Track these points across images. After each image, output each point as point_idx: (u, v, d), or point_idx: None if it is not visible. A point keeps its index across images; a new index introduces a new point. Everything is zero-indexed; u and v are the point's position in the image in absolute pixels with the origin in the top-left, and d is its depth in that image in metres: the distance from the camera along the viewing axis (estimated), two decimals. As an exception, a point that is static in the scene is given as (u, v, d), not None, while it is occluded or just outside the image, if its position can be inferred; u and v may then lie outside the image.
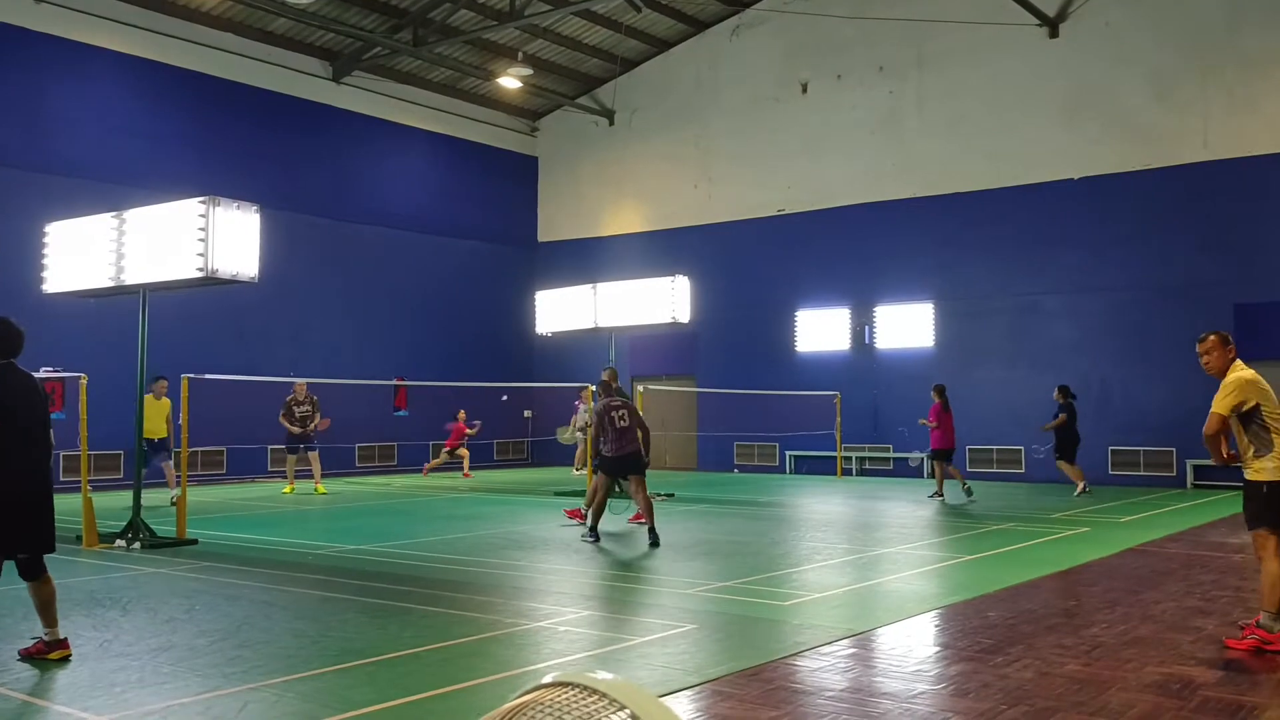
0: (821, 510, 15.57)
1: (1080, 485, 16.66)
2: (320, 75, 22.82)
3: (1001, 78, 20.86)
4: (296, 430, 17.31)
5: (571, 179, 27.10)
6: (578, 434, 18.99)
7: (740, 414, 22.79)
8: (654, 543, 10.79)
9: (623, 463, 11.30)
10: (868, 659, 6.27)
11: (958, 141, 21.32)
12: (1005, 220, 20.68)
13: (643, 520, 11.35)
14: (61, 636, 6.05)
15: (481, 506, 15.80)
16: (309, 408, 17.47)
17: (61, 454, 14.57)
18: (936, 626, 7.16)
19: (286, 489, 17.68)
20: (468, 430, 21.77)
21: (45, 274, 12.05)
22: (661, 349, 24.33)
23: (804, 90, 23.34)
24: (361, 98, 23.46)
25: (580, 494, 16.99)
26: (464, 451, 21.90)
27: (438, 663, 6.00)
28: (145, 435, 14.27)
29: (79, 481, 11.50)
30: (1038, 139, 20.42)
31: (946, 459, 16.52)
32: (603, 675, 0.84)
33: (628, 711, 0.78)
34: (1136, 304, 19.39)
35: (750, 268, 23.80)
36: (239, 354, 19.62)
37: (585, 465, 20.36)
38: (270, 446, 20.52)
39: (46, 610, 6.01)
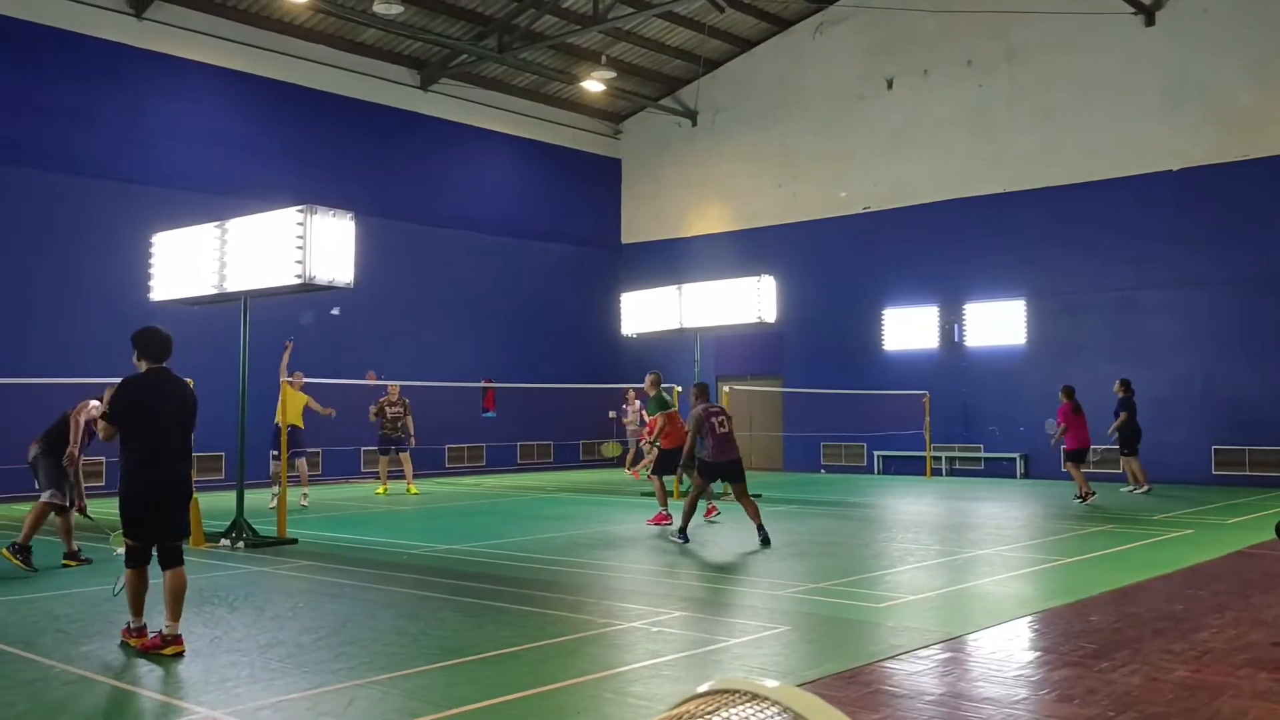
0: (912, 511, 15.38)
1: (1143, 484, 16.17)
2: (408, 84, 23.25)
3: (1095, 68, 20.36)
4: (379, 421, 17.56)
5: (655, 180, 27.17)
6: (643, 441, 19.02)
7: (827, 414, 22.60)
8: (764, 540, 10.87)
9: (722, 469, 11.44)
10: (966, 663, 6.19)
11: (1050, 135, 20.86)
12: (1100, 214, 20.17)
13: (668, 522, 12.51)
14: (179, 633, 6.30)
15: (569, 507, 15.94)
16: (400, 409, 17.78)
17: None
18: (1036, 630, 7.03)
19: (380, 490, 18.04)
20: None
21: (152, 282, 12.49)
22: (747, 349, 24.26)
23: (889, 86, 23.06)
24: (448, 105, 23.84)
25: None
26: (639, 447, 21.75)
27: (535, 661, 6.08)
28: (289, 422, 14.77)
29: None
30: (1133, 131, 19.89)
31: (1079, 460, 16.17)
32: (769, 683, 0.86)
33: (791, 714, 0.79)
34: (1240, 298, 18.76)
35: (836, 266, 23.60)
36: (333, 357, 20.08)
37: (631, 466, 20.45)
38: (363, 448, 20.96)
39: (175, 601, 6.31)
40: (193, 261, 11.86)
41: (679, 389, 17.15)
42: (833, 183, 23.82)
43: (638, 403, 20.44)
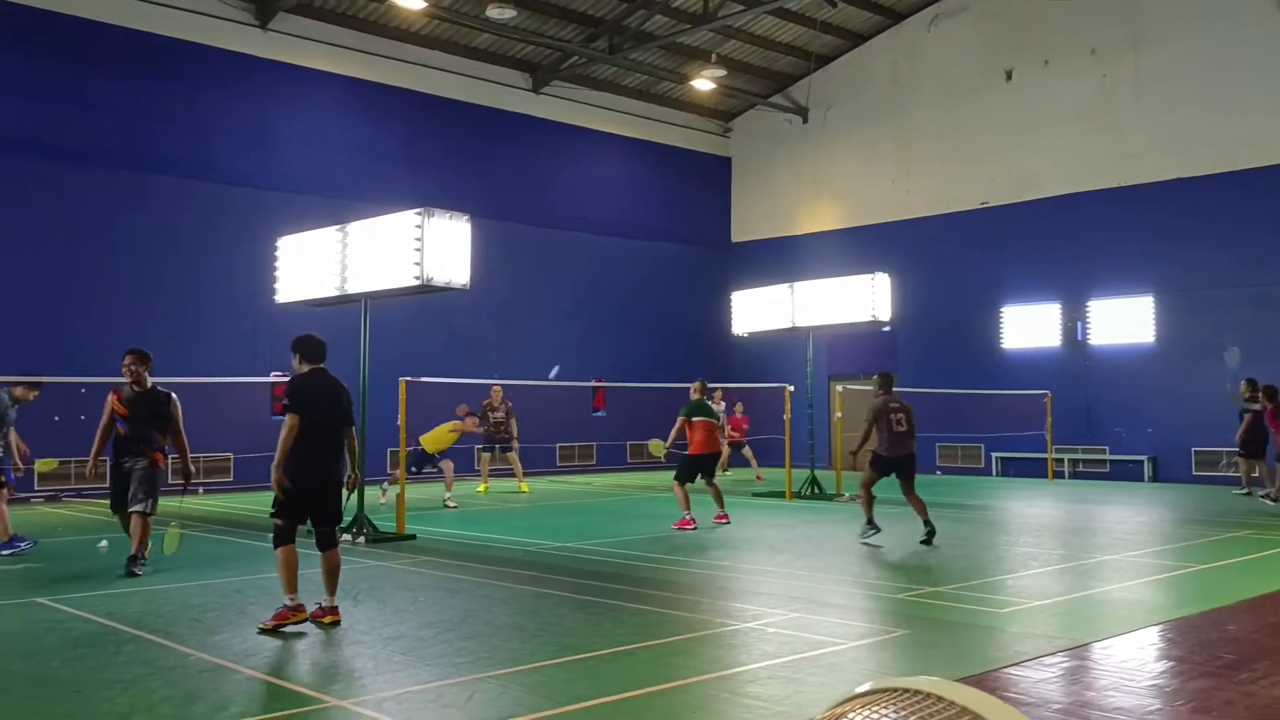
0: (1033, 514, 14.95)
1: (1277, 487, 15.37)
2: (520, 86, 23.57)
3: (1225, 55, 19.48)
4: (479, 431, 17.81)
5: (765, 178, 26.99)
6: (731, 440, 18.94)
7: (943, 414, 22.09)
8: (930, 534, 10.79)
9: (895, 464, 11.32)
10: (1095, 671, 5.98)
11: (1179, 124, 20.04)
12: (1234, 206, 19.30)
13: (726, 520, 12.90)
14: (335, 604, 7.05)
15: (676, 507, 15.89)
16: (503, 413, 18.05)
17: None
18: (1170, 639, 6.75)
19: (480, 488, 18.33)
20: (743, 425, 21.47)
21: (277, 285, 12.92)
22: (859, 348, 23.91)
23: (1008, 78, 22.47)
24: (560, 106, 24.09)
25: (776, 495, 16.90)
26: (746, 449, 21.53)
27: (651, 660, 6.09)
28: (428, 449, 15.23)
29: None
30: (1265, 119, 18.97)
31: (1260, 455, 15.68)
32: (942, 681, 0.84)
33: (970, 716, 0.77)
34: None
35: (953, 263, 23.10)
36: (448, 358, 20.48)
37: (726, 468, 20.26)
38: (476, 447, 21.31)
39: (331, 578, 7.07)
40: (315, 264, 12.23)
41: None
42: (948, 177, 23.32)
43: (723, 404, 20.32)
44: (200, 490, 18.35)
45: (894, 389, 11.82)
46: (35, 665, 5.94)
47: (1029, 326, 22.05)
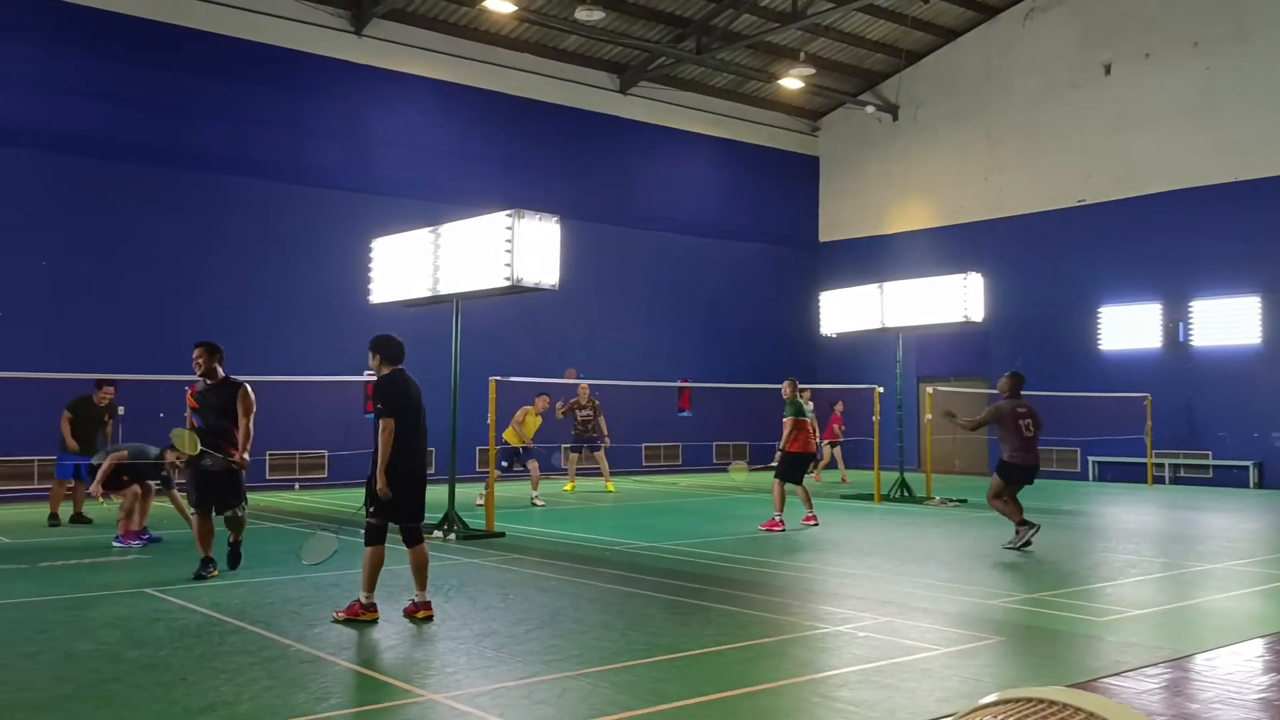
0: (1132, 520, 14.54)
1: None
2: (608, 88, 23.69)
3: (1340, 44, 18.72)
4: (571, 421, 17.92)
5: (854, 177, 26.72)
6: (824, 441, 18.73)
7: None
8: (1024, 539, 10.59)
9: (1023, 472, 11.05)
10: (1200, 684, 5.79)
11: (1287, 118, 19.32)
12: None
13: (814, 522, 12.78)
14: (427, 599, 7.20)
15: (767, 508, 15.82)
16: (590, 411, 18.13)
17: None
18: (1278, 651, 6.51)
19: (567, 487, 18.43)
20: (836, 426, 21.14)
21: (371, 286, 13.19)
22: (949, 349, 23.54)
23: (1107, 72, 21.89)
24: (646, 107, 24.16)
25: (864, 497, 16.72)
26: (832, 451, 20.99)
27: (742, 661, 6.08)
28: (512, 443, 15.42)
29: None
30: (1387, 110, 18.18)
31: None
32: (1064, 689, 0.83)
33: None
34: None
35: (1047, 262, 22.58)
36: (535, 357, 20.69)
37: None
38: (562, 445, 21.47)
39: (420, 573, 7.21)
40: (408, 265, 12.46)
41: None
42: (1043, 174, 22.81)
43: (811, 404, 20.09)
44: (296, 486, 18.83)
45: (1021, 392, 11.30)
46: (145, 653, 6.16)
47: (1128, 327, 21.45)
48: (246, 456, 8.73)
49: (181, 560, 9.93)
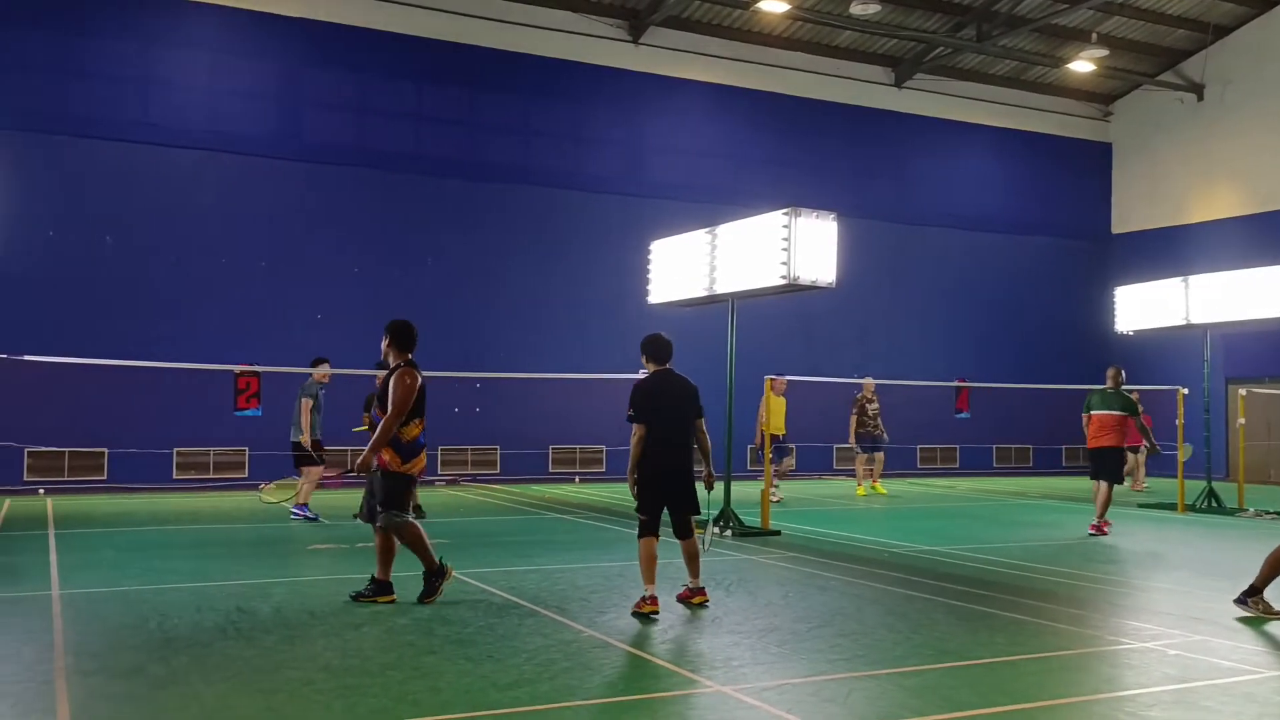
0: None
1: None
2: (883, 82, 23.23)
3: None
4: (861, 419, 17.50)
5: (1151, 164, 24.89)
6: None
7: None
8: None
9: None
10: None
11: None
12: None
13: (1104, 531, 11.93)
14: (700, 585, 7.45)
15: (1054, 514, 15.06)
16: (877, 405, 17.71)
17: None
18: None
19: (860, 490, 17.81)
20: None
21: (649, 287, 13.56)
22: (1266, 347, 21.45)
23: None
24: (922, 100, 23.51)
25: (1166, 506, 15.55)
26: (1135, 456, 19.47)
27: (1037, 673, 5.81)
28: (770, 431, 15.53)
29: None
30: None
31: None
32: None
33: None
34: None
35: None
36: (808, 356, 20.60)
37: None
38: (835, 445, 21.24)
39: (692, 562, 7.43)
40: (685, 266, 12.71)
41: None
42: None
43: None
44: (576, 479, 19.64)
45: None
46: (454, 630, 6.62)
47: None
48: (370, 460, 7.38)
49: (477, 547, 10.60)
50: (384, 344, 7.64)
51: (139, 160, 17.19)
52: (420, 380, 7.51)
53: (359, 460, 7.44)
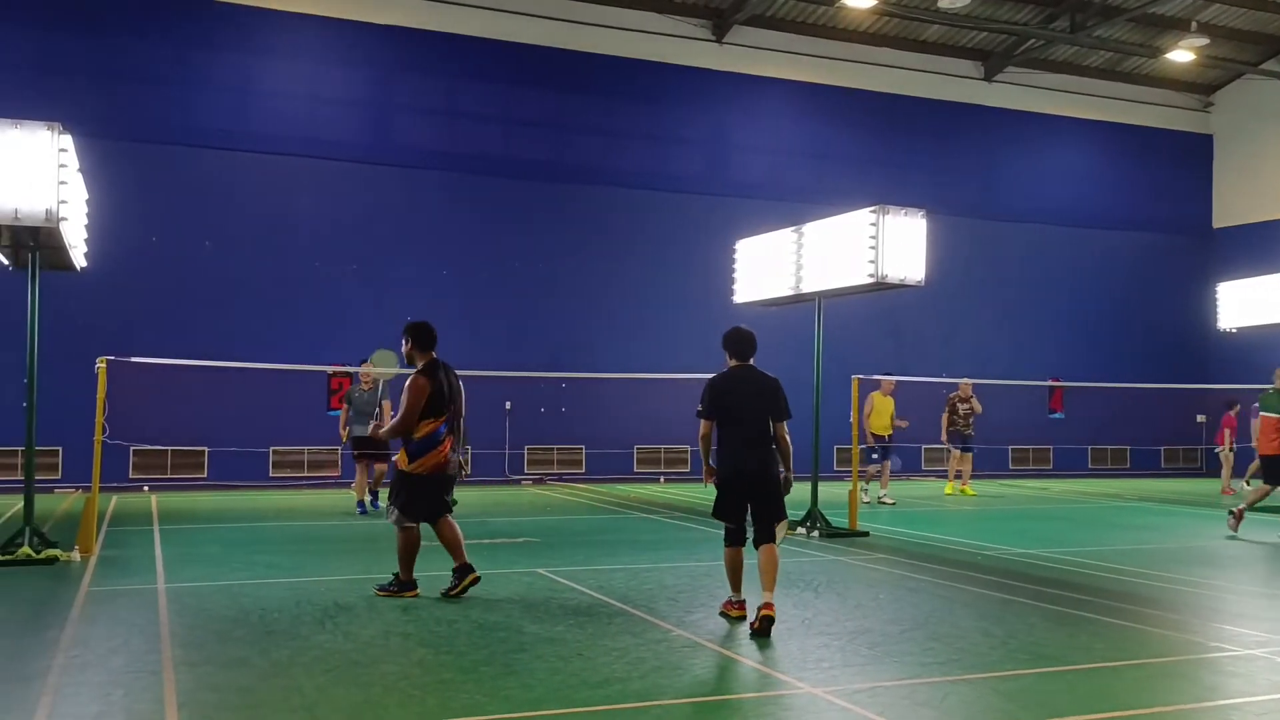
0: None
1: None
2: (972, 76, 22.84)
3: None
4: (954, 418, 17.25)
5: (1255, 156, 24.05)
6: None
7: None
8: None
9: None
10: None
11: None
12: None
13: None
14: (770, 601, 6.85)
15: (1153, 517, 14.65)
16: (970, 405, 17.39)
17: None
18: None
19: (948, 489, 17.67)
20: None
21: (735, 286, 13.52)
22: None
23: None
24: (1013, 93, 23.06)
25: (1273, 510, 15.00)
26: (1226, 455, 18.89)
27: (1138, 680, 5.67)
28: (875, 431, 15.40)
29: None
30: None
31: None
32: None
33: None
34: None
35: None
36: (895, 355, 20.35)
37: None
38: (924, 446, 20.93)
39: (767, 575, 6.67)
40: (771, 265, 12.65)
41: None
42: None
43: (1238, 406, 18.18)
44: (661, 479, 19.68)
45: None
46: (544, 628, 6.69)
47: None
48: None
49: (565, 545, 10.71)
50: (405, 347, 7.70)
51: (239, 167, 17.71)
52: (434, 383, 7.52)
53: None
